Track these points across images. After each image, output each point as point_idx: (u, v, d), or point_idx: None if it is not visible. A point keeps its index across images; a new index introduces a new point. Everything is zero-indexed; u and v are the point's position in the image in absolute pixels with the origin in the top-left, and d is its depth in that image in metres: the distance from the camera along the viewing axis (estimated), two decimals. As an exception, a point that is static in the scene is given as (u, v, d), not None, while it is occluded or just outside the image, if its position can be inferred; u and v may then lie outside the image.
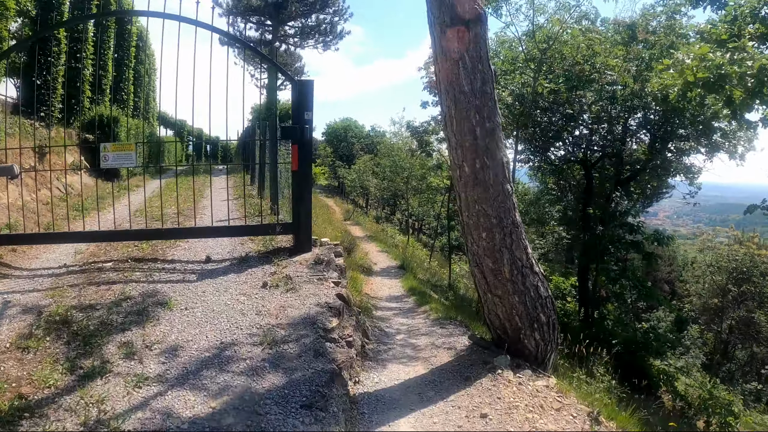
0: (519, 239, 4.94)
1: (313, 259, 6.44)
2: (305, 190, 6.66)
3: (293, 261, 6.46)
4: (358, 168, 36.94)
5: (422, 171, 26.00)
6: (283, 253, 6.74)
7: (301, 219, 6.67)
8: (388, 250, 20.93)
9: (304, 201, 6.67)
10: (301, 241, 6.73)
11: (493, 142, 4.70)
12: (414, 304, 9.70)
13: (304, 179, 6.64)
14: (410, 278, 13.52)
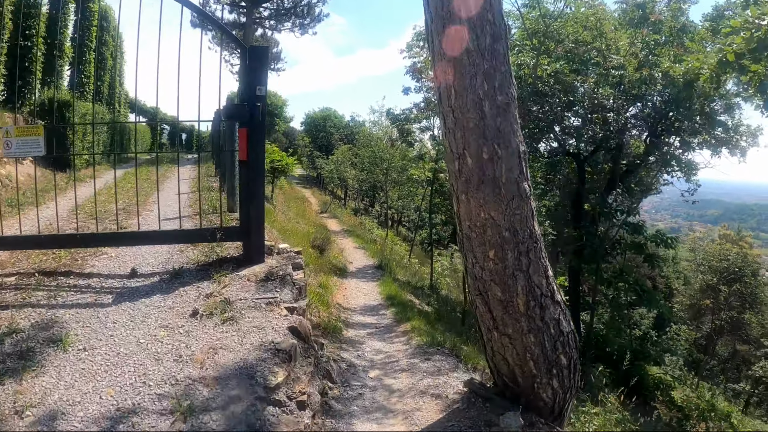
0: (538, 259, 3.60)
1: (265, 273, 5.04)
2: (257, 186, 5.24)
3: (239, 276, 5.06)
4: (336, 158, 35.43)
5: (402, 162, 24.66)
6: (228, 264, 5.34)
7: (251, 222, 5.26)
8: (365, 246, 19.58)
9: (256, 200, 5.25)
10: (251, 249, 5.32)
11: (506, 122, 3.34)
12: (392, 319, 8.35)
13: (256, 172, 5.21)
14: (389, 281, 12.17)
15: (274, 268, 5.16)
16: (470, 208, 3.45)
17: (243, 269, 5.20)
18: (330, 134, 48.47)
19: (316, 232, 16.87)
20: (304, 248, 11.92)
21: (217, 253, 5.68)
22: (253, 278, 4.96)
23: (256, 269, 5.18)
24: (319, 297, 7.59)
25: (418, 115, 16.54)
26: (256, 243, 5.26)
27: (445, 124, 3.45)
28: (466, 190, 3.47)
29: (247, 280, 4.95)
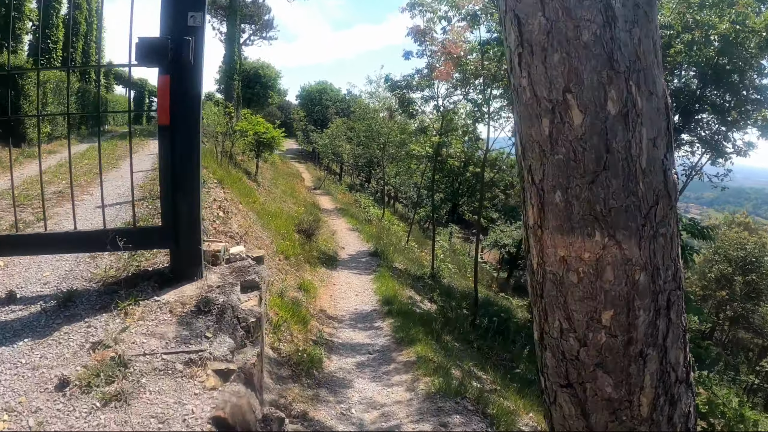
0: (680, 318, 1.84)
1: (197, 300, 3.28)
2: (189, 166, 3.45)
3: (158, 304, 3.31)
4: (331, 132, 33.45)
5: (401, 137, 22.76)
6: (148, 282, 3.58)
7: (179, 221, 3.48)
8: (359, 227, 17.84)
9: (187, 187, 3.48)
10: (181, 260, 3.55)
11: (648, 40, 1.55)
12: (390, 336, 6.60)
13: (187, 144, 3.43)
14: (385, 275, 10.42)
15: (213, 290, 3.40)
16: (570, 221, 1.65)
17: (166, 292, 3.44)
18: (326, 108, 47.12)
19: (304, 214, 15.09)
20: (286, 236, 10.14)
21: (138, 264, 3.90)
22: (176, 309, 3.20)
23: (187, 292, 3.41)
24: (293, 310, 5.85)
25: (420, 81, 14.62)
26: (189, 251, 3.49)
27: (520, 39, 1.59)
28: (562, 181, 1.64)
29: (168, 312, 3.19)
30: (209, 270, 3.78)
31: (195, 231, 3.50)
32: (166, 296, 3.40)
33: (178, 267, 3.57)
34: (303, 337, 5.55)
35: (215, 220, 6.36)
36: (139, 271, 3.73)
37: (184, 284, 3.52)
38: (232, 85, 25.59)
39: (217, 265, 3.88)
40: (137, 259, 3.93)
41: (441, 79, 13.42)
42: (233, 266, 3.90)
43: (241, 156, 16.99)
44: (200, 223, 3.55)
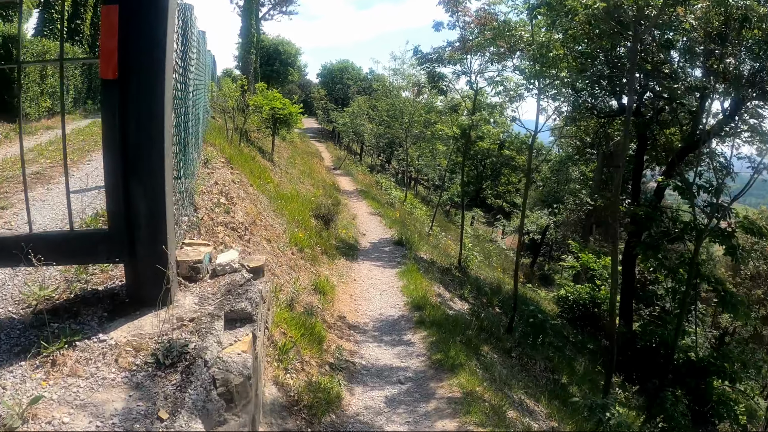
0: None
1: (157, 342, 2.20)
2: (150, 144, 2.35)
3: (102, 348, 2.28)
4: (352, 111, 32.16)
5: (427, 116, 21.44)
6: (95, 310, 2.54)
7: (137, 223, 2.41)
8: (381, 211, 16.72)
9: (148, 173, 2.38)
10: (141, 278, 2.48)
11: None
12: (425, 357, 5.47)
13: (146, 111, 2.31)
14: (412, 269, 9.29)
15: (183, 325, 2.33)
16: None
17: (117, 326, 2.37)
18: (347, 86, 45.97)
19: (322, 197, 14.00)
20: (301, 222, 9.05)
21: (87, 280, 2.84)
22: (125, 359, 2.14)
23: (146, 327, 2.34)
24: (305, 325, 4.72)
25: (452, 54, 13.28)
26: (150, 264, 2.39)
27: None
28: None
29: (114, 362, 2.14)
30: (185, 289, 2.70)
31: (159, 235, 2.40)
32: (116, 333, 2.33)
33: (137, 288, 2.49)
34: (317, 362, 4.49)
35: (214, 209, 5.28)
36: (85, 292, 2.66)
37: (144, 313, 2.45)
38: (248, 59, 24.42)
39: (197, 280, 2.79)
40: (86, 273, 2.85)
41: (479, 23, 12.05)
42: (220, 283, 2.80)
43: (256, 133, 15.90)
44: (168, 223, 2.45)
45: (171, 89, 2.45)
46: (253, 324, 2.49)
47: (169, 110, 2.40)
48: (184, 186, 4.31)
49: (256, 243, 5.87)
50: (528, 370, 7.60)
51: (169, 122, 2.41)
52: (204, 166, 6.89)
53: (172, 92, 2.48)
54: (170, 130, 2.46)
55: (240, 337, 2.39)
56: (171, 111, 2.46)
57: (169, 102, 2.38)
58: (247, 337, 2.40)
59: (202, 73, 7.78)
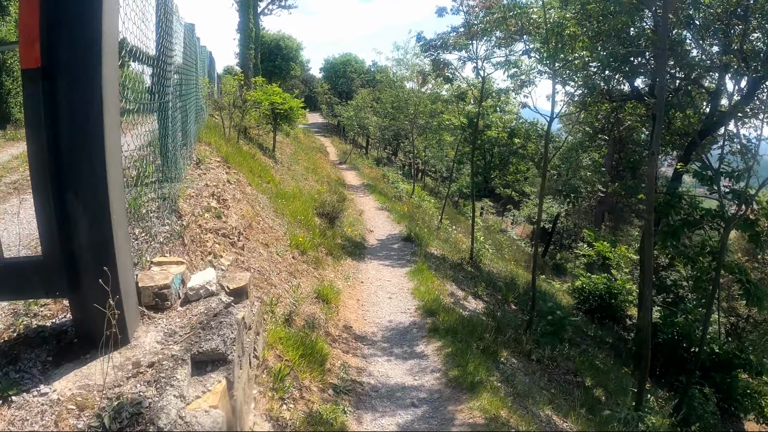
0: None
1: (106, 399, 1.72)
2: (89, 147, 1.84)
3: (40, 406, 1.82)
4: (356, 104, 31.64)
5: (432, 107, 20.86)
6: (38, 353, 2.09)
7: (79, 246, 1.91)
8: (389, 205, 16.24)
9: (88, 183, 1.88)
10: (88, 313, 1.98)
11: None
12: (442, 374, 4.95)
13: (82, 105, 1.82)
14: (423, 268, 8.80)
15: (139, 374, 1.86)
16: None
17: (63, 373, 1.93)
18: (351, 80, 45.53)
19: (327, 192, 13.53)
20: (304, 221, 8.59)
21: (33, 316, 2.39)
22: (66, 421, 1.67)
23: (95, 377, 1.88)
24: (305, 345, 4.21)
25: (457, 40, 12.73)
26: (98, 296, 1.91)
27: None
28: None
29: (54, 425, 1.67)
30: (148, 322, 2.24)
31: (107, 260, 1.93)
32: (60, 384, 1.87)
33: (85, 325, 2.03)
34: (319, 386, 4.01)
35: (203, 214, 4.81)
36: (29, 331, 2.20)
37: (94, 357, 1.99)
38: (247, 54, 23.89)
39: (164, 309, 2.33)
40: (37, 304, 2.40)
41: (484, 7, 11.49)
42: (192, 312, 2.34)
43: (256, 130, 15.42)
44: (119, 245, 1.98)
45: (115, 82, 1.98)
46: (228, 366, 2.03)
47: (112, 107, 1.92)
48: (162, 192, 3.86)
49: (252, 249, 5.41)
50: (550, 373, 7.12)
51: (113, 121, 1.94)
52: (196, 167, 6.43)
53: (117, 85, 2.01)
54: (116, 130, 1.99)
55: (210, 385, 1.93)
56: (116, 108, 1.99)
57: (112, 97, 1.91)
58: (219, 386, 1.93)
59: (191, 67, 7.31)
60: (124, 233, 2.05)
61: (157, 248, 3.24)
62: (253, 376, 2.71)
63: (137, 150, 3.26)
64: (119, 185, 2.02)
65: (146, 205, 3.56)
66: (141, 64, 3.41)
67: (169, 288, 2.36)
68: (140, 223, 3.29)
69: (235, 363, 2.07)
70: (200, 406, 1.80)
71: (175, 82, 4.94)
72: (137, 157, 3.35)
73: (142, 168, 3.39)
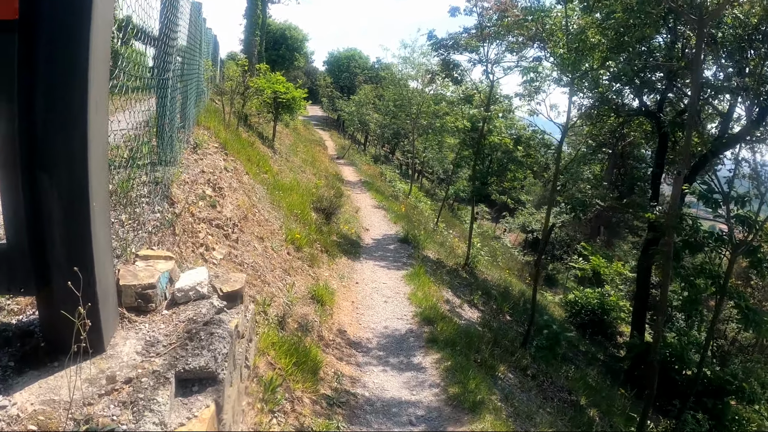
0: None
1: (69, 424, 1.42)
2: (68, 116, 1.53)
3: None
4: (358, 100, 31.30)
5: (435, 107, 20.59)
6: (2, 356, 1.75)
7: (51, 233, 1.60)
8: (386, 204, 15.97)
9: (65, 160, 1.57)
10: (58, 315, 1.66)
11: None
12: (441, 390, 4.67)
13: (63, 66, 1.51)
14: (420, 274, 8.53)
15: (114, 392, 1.56)
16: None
17: (24, 384, 1.63)
18: (354, 75, 45.20)
19: (324, 187, 13.23)
20: (300, 216, 8.29)
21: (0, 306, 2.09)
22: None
23: (61, 391, 1.58)
24: (298, 351, 3.92)
25: (468, 41, 12.46)
26: (72, 295, 1.61)
27: None
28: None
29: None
30: (128, 327, 1.94)
31: (83, 254, 1.64)
32: (22, 396, 1.58)
33: (54, 328, 1.74)
34: (311, 397, 3.72)
35: (197, 202, 4.51)
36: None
37: (63, 365, 1.70)
38: (252, 41, 23.50)
39: (148, 312, 2.04)
40: (3, 297, 2.10)
41: (499, 9, 11.25)
42: (179, 317, 2.04)
43: (256, 118, 15.07)
44: (97, 237, 1.68)
45: (106, 46, 1.68)
46: (218, 387, 1.74)
47: (100, 75, 1.63)
48: (155, 175, 3.56)
49: (246, 243, 5.12)
50: (545, 390, 6.89)
51: (99, 93, 1.64)
52: (192, 152, 6.12)
53: (107, 51, 1.71)
54: (103, 104, 1.69)
55: (196, 410, 1.64)
56: (104, 78, 1.69)
57: (100, 60, 1.62)
58: (206, 411, 1.64)
59: (195, 47, 6.99)
60: (104, 224, 1.76)
61: (145, 238, 2.94)
62: (243, 389, 2.43)
63: (132, 129, 2.97)
64: (102, 169, 1.73)
65: (137, 189, 3.26)
66: (141, 38, 3.12)
67: (155, 288, 2.06)
68: (128, 208, 2.99)
69: (225, 382, 1.79)
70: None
71: (178, 59, 4.63)
72: (132, 136, 3.05)
73: (136, 148, 3.09)
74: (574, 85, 7.77)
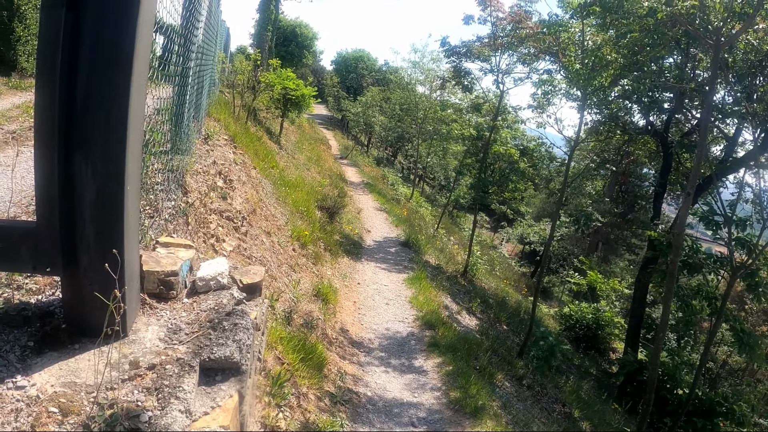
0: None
1: (91, 407, 1.40)
2: (112, 98, 1.51)
3: (15, 404, 1.45)
4: (365, 101, 31.30)
5: (441, 113, 20.58)
6: (17, 336, 1.74)
7: (83, 216, 1.57)
8: (388, 207, 15.96)
9: (104, 142, 1.55)
10: (84, 297, 1.66)
11: None
12: (442, 394, 4.68)
13: (109, 52, 1.49)
14: (422, 278, 8.52)
15: (137, 378, 1.54)
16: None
17: (45, 365, 1.61)
18: (361, 76, 45.19)
19: (329, 186, 13.21)
20: (305, 213, 8.28)
21: (19, 285, 2.06)
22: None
23: (81, 375, 1.56)
24: (304, 347, 3.90)
25: (481, 50, 12.48)
26: (100, 277, 1.59)
27: None
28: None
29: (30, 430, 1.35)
30: (150, 313, 1.93)
31: (113, 236, 1.62)
32: (41, 377, 1.56)
33: (77, 310, 1.71)
34: (316, 393, 3.72)
35: (209, 193, 4.49)
36: (9, 307, 1.88)
37: (84, 348, 1.68)
38: (264, 36, 23.51)
39: (169, 299, 2.02)
40: (16, 278, 2.08)
41: (513, 21, 11.30)
42: (200, 306, 2.03)
43: (264, 113, 15.07)
44: (128, 220, 1.67)
45: (150, 24, 1.67)
46: (241, 378, 1.72)
47: (142, 56, 1.62)
48: (173, 164, 3.54)
49: (254, 237, 5.10)
50: (539, 400, 6.88)
51: (141, 74, 1.63)
52: (204, 143, 6.10)
53: (151, 30, 1.71)
54: (143, 85, 1.68)
55: (220, 400, 1.62)
56: (145, 58, 1.68)
57: (144, 43, 1.61)
58: (230, 401, 1.63)
59: (212, 37, 6.98)
60: (135, 208, 1.74)
61: (162, 225, 2.93)
62: (256, 381, 2.41)
63: (153, 115, 2.96)
64: (138, 152, 1.72)
65: (153, 176, 3.24)
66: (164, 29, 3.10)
67: (177, 276, 2.05)
68: (146, 195, 2.98)
69: (247, 374, 1.77)
70: (209, 426, 1.50)
71: (199, 47, 4.62)
72: (153, 122, 3.04)
73: (158, 134, 3.08)
74: (588, 99, 7.77)
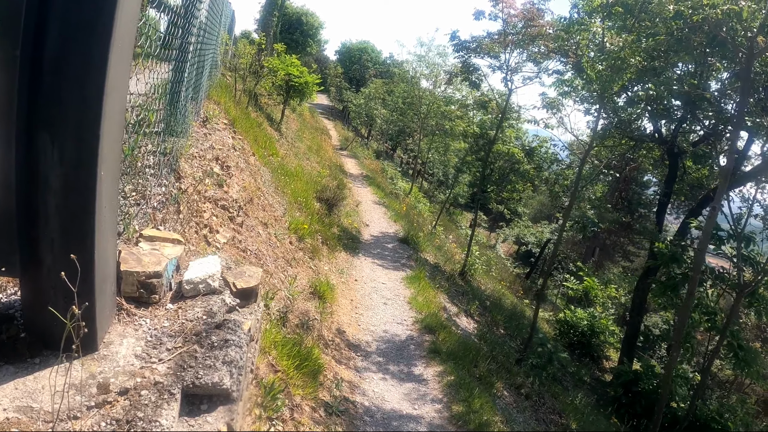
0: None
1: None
2: (85, 69, 1.21)
3: None
4: (368, 93, 30.95)
5: (445, 109, 20.25)
6: None
7: (46, 205, 1.28)
8: (386, 201, 15.70)
9: (75, 119, 1.25)
10: (45, 303, 1.36)
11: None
12: (444, 407, 4.40)
13: (82, 14, 1.19)
14: (421, 278, 8.25)
15: (106, 404, 1.27)
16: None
17: (1, 380, 1.32)
18: (364, 68, 44.89)
19: (328, 177, 12.92)
20: (304, 204, 8.00)
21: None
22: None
23: (41, 395, 1.29)
24: (299, 353, 3.61)
25: (491, 46, 12.17)
26: (64, 280, 1.30)
27: None
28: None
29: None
30: (127, 321, 1.66)
31: (82, 232, 1.35)
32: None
33: (39, 317, 1.44)
34: (311, 404, 3.44)
35: (204, 179, 4.20)
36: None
37: (46, 363, 1.41)
38: (270, 21, 23.13)
39: (150, 304, 1.75)
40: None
41: (524, 18, 11.04)
42: (186, 314, 1.76)
43: (266, 99, 14.71)
44: (101, 213, 1.40)
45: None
46: (230, 407, 1.45)
47: (129, 16, 1.34)
48: (165, 146, 3.26)
49: (250, 228, 4.83)
50: (537, 411, 6.66)
51: (125, 36, 1.35)
52: (202, 125, 5.80)
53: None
54: (126, 57, 1.40)
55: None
56: (133, 18, 1.40)
57: (129, 11, 1.32)
58: (213, 439, 1.36)
59: (216, 16, 6.66)
60: (111, 198, 1.47)
61: (149, 214, 2.65)
62: (248, 396, 2.15)
63: (145, 92, 2.67)
64: (117, 132, 1.44)
65: (143, 159, 2.96)
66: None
67: (160, 277, 1.77)
68: (134, 179, 2.69)
69: (239, 401, 1.51)
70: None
71: (202, 23, 4.32)
72: (143, 99, 2.74)
73: (150, 113, 2.79)
74: (606, 103, 7.51)
